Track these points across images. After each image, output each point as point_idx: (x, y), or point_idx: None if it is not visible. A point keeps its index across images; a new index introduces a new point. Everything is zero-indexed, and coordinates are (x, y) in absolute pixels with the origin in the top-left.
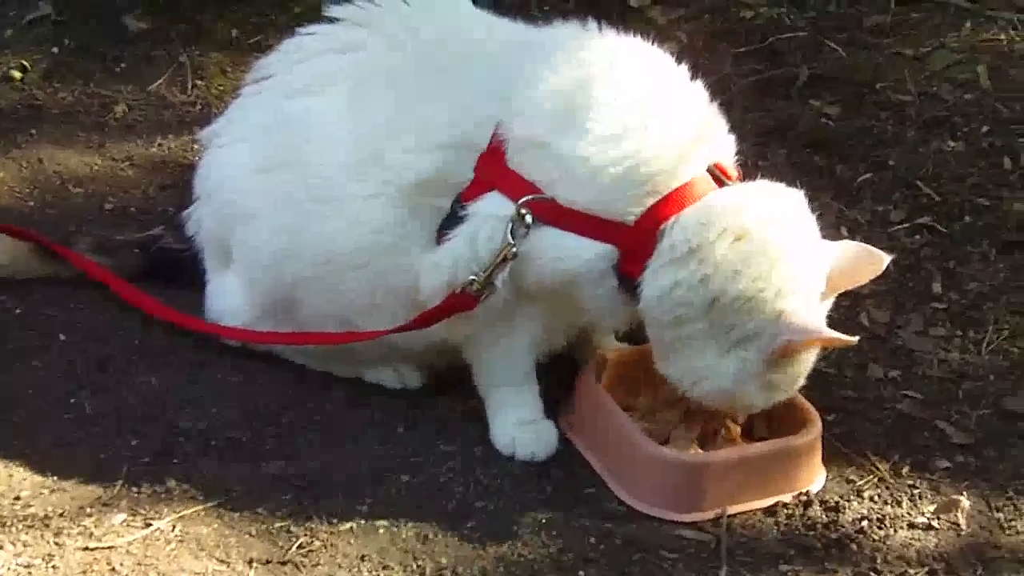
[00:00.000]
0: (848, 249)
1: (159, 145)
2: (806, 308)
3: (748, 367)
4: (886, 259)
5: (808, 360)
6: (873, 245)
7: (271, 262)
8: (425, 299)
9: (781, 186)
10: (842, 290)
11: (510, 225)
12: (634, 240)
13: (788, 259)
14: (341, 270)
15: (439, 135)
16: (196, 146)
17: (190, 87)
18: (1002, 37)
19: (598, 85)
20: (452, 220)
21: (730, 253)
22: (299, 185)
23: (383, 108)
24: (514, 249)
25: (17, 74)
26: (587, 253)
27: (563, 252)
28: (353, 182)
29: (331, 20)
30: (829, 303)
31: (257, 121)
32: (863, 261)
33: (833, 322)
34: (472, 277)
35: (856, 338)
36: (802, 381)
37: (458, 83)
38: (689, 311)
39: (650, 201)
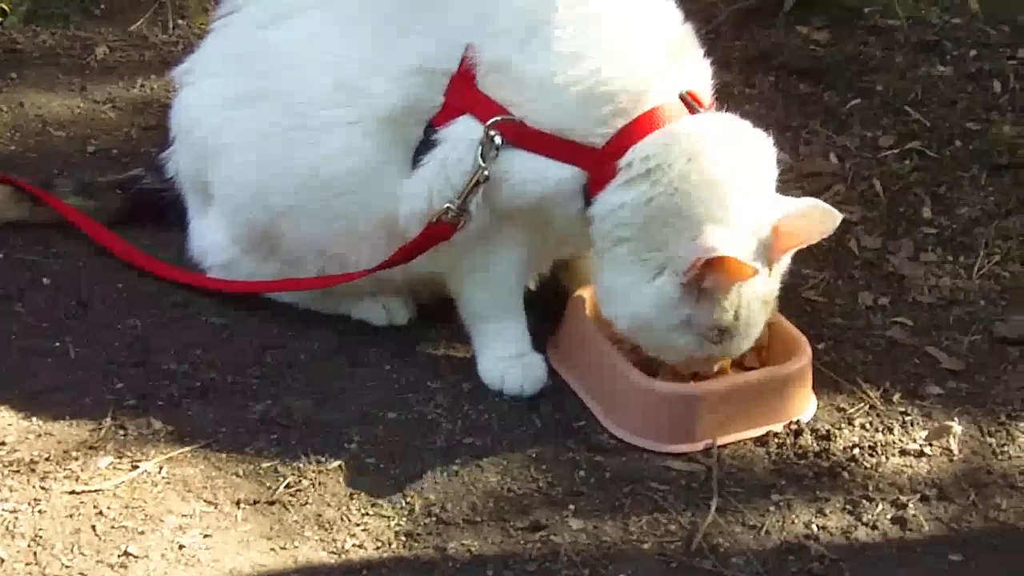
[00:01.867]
0: (803, 205)
1: (141, 86)
2: (732, 241)
3: (666, 291)
4: (838, 217)
5: (731, 306)
6: (862, 171)
7: (250, 194)
8: (403, 228)
9: (748, 124)
10: (794, 248)
11: (480, 148)
12: (601, 164)
13: (726, 190)
14: (322, 199)
15: (412, 61)
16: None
17: (171, 26)
18: None
19: (562, 3)
20: (425, 146)
21: (676, 175)
22: (274, 115)
23: (356, 35)
24: (485, 172)
25: None
26: (555, 175)
27: (532, 174)
28: (330, 110)
29: None
30: (784, 264)
31: (228, 54)
32: (816, 219)
33: (823, 249)
34: (447, 205)
35: (755, 266)
36: (737, 345)
37: (428, 7)
38: (625, 231)
39: (617, 123)
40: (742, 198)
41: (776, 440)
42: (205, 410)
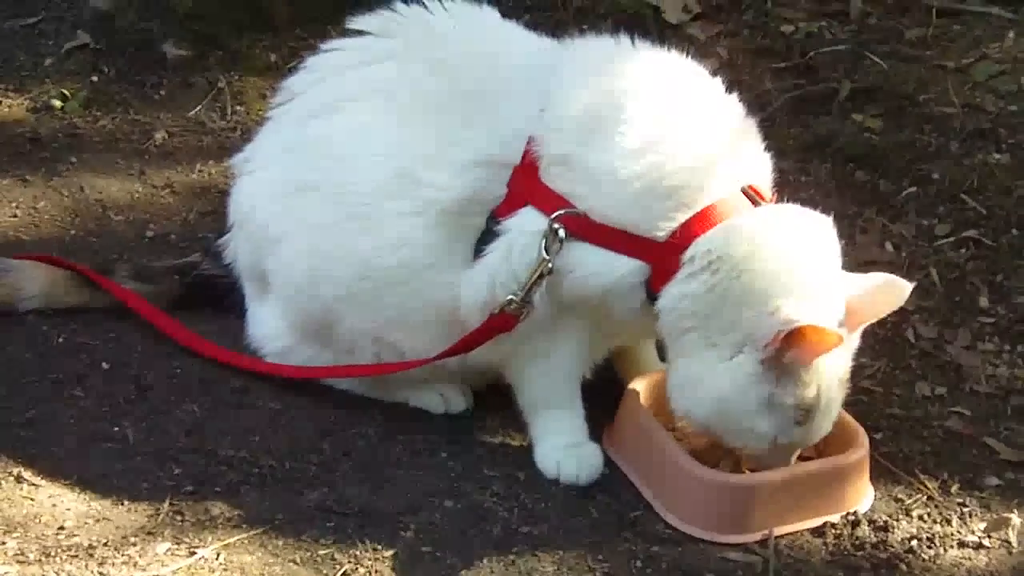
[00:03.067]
0: (871, 280)
1: (199, 171)
2: (810, 311)
3: (745, 369)
4: (908, 288)
5: (814, 383)
6: (919, 260)
7: (306, 282)
8: (464, 317)
9: (811, 211)
10: (866, 323)
11: (544, 240)
12: (664, 258)
13: (794, 266)
14: (378, 288)
15: (474, 153)
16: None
17: (229, 113)
18: None
19: (627, 98)
20: (488, 236)
21: (740, 259)
22: (330, 205)
23: (413, 126)
24: (549, 264)
25: (57, 103)
26: (619, 269)
27: (596, 267)
28: (388, 201)
29: (354, 33)
30: (856, 338)
31: (283, 143)
32: (886, 291)
33: (880, 339)
34: (511, 296)
35: (841, 333)
36: (818, 426)
37: (489, 99)
38: (690, 320)
39: (680, 217)
40: (811, 275)
41: (833, 531)
42: (262, 497)
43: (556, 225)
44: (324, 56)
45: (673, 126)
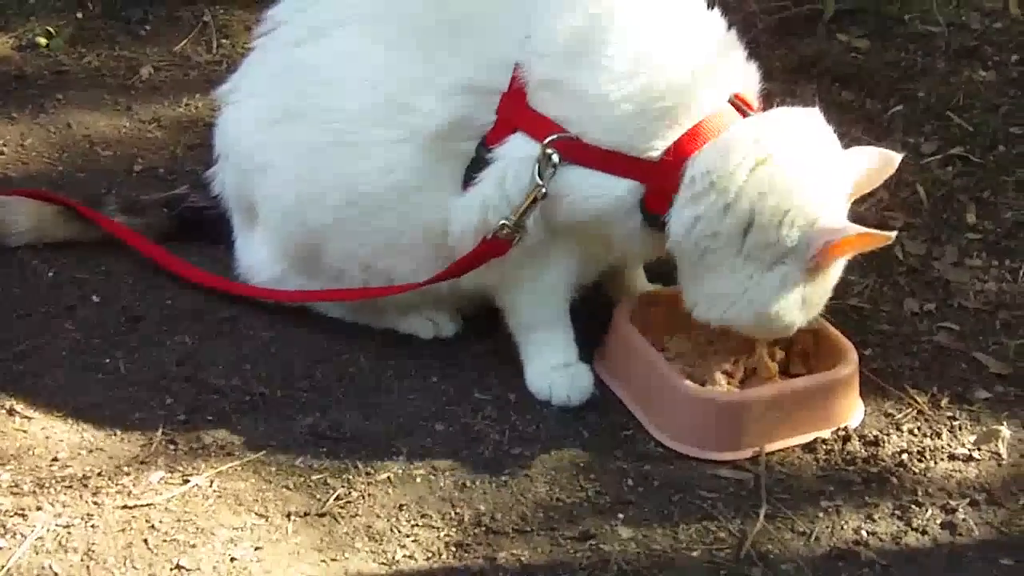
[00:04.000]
0: (863, 154)
1: (186, 105)
2: (839, 214)
3: (790, 280)
4: (897, 158)
5: (838, 269)
6: (906, 177)
7: (293, 210)
8: (455, 243)
9: (796, 108)
10: (862, 193)
11: (537, 165)
12: (659, 176)
13: (813, 173)
14: (367, 214)
15: (460, 79)
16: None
17: (215, 46)
18: None
19: (612, 19)
20: (478, 164)
21: (752, 179)
22: (317, 131)
23: (399, 51)
24: (543, 190)
25: (43, 40)
26: (614, 191)
27: (591, 190)
28: (377, 127)
29: None
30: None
31: (268, 72)
32: (878, 163)
33: (868, 256)
34: (503, 221)
35: (894, 233)
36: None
37: (476, 24)
38: (715, 241)
39: (672, 135)
40: (825, 172)
41: (824, 447)
42: (255, 424)
43: (549, 150)
44: None
45: (659, 44)
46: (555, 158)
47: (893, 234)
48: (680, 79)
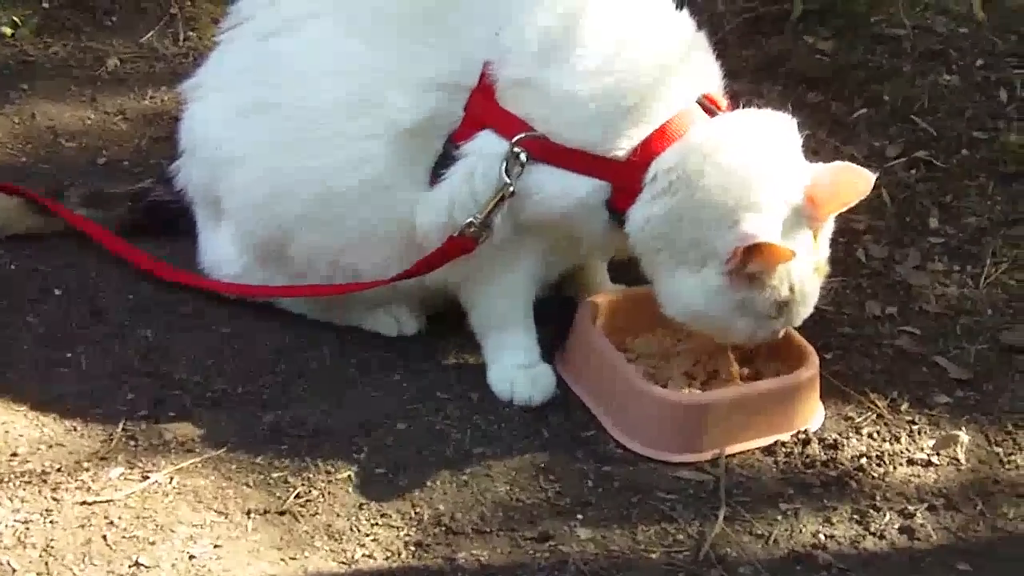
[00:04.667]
0: (834, 170)
1: (151, 98)
2: (767, 225)
3: (711, 282)
4: (871, 177)
5: (784, 283)
6: None
7: (260, 205)
8: (422, 239)
9: (767, 112)
10: (835, 212)
11: (504, 163)
12: (626, 176)
13: (750, 174)
14: (337, 208)
15: (432, 74)
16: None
17: (182, 39)
18: None
19: (581, 19)
20: (446, 160)
21: (702, 180)
22: (284, 126)
23: (369, 46)
24: (511, 188)
25: (8, 30)
26: (581, 189)
27: (557, 189)
28: (348, 120)
29: None
30: (829, 229)
31: (234, 67)
32: (850, 181)
33: (831, 259)
34: (470, 219)
35: (792, 248)
36: (797, 314)
37: (446, 21)
38: (659, 241)
39: (639, 135)
40: (767, 180)
41: (784, 449)
42: (216, 420)
43: (517, 149)
44: None
45: (628, 44)
46: (523, 157)
47: (792, 252)
48: (648, 79)
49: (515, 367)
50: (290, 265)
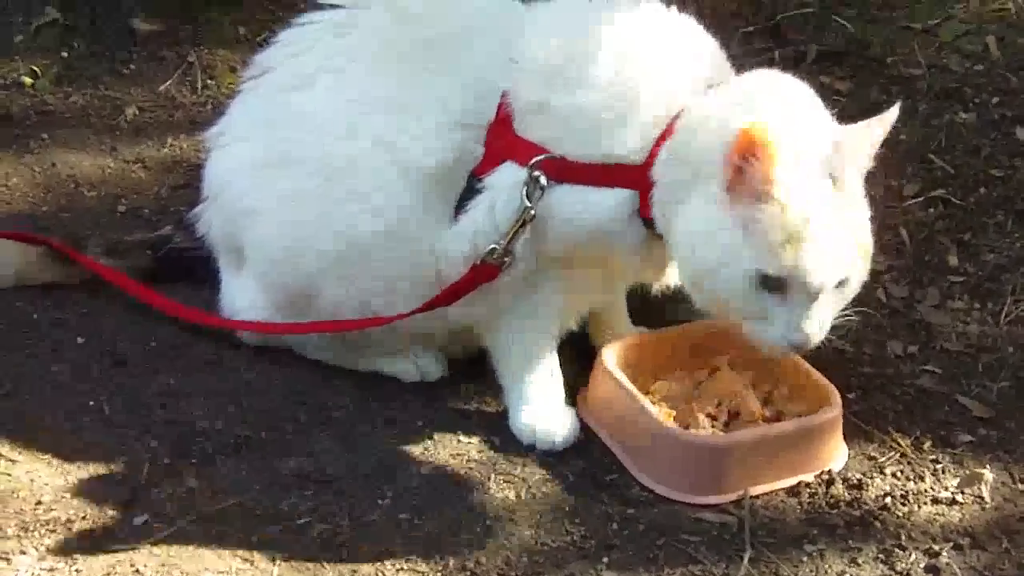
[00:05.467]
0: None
1: (170, 146)
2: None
3: (712, 202)
4: (893, 112)
5: (785, 197)
6: (888, 220)
7: (285, 256)
8: (446, 272)
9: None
10: (863, 167)
11: (524, 188)
12: (647, 179)
13: (755, 108)
14: (361, 256)
15: (452, 115)
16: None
17: (200, 87)
18: (1010, 6)
19: (588, 38)
20: (469, 194)
21: (700, 126)
22: (308, 176)
23: (388, 91)
24: (532, 212)
25: (28, 80)
26: (607, 201)
27: (582, 206)
28: (370, 168)
29: (326, 7)
30: (857, 183)
31: (258, 117)
32: (871, 127)
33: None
34: (493, 245)
35: (764, 124)
36: (818, 259)
37: (460, 59)
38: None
39: (654, 134)
40: (778, 116)
41: (808, 490)
42: (239, 466)
43: (536, 172)
44: (297, 29)
45: (633, 50)
46: (542, 179)
47: (764, 124)
48: (656, 78)
49: (537, 412)
50: (315, 314)
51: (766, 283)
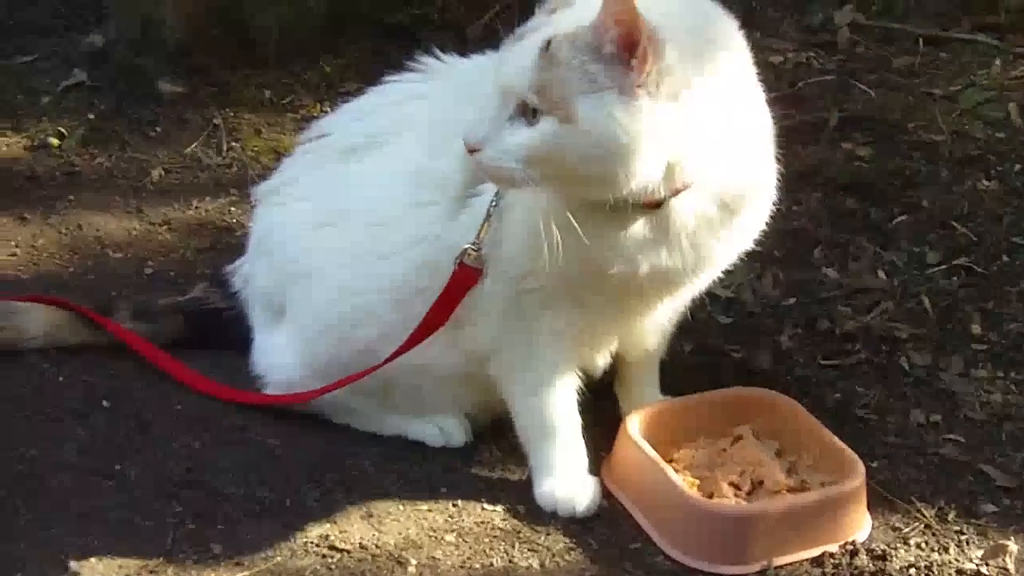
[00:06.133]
0: None
1: (196, 208)
2: None
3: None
4: None
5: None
6: (911, 287)
7: (337, 322)
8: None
9: None
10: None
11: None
12: None
13: None
14: (412, 316)
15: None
16: (233, 208)
17: (225, 149)
18: None
19: None
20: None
21: None
22: (361, 239)
23: (442, 149)
24: (494, 204)
25: (55, 141)
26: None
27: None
28: (413, 224)
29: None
30: None
31: (316, 179)
32: None
33: (874, 366)
34: (467, 245)
35: None
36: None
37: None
38: None
39: None
40: None
41: (832, 560)
42: (262, 532)
43: None
44: (358, 99)
45: None
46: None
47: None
48: None
49: (561, 480)
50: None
51: None
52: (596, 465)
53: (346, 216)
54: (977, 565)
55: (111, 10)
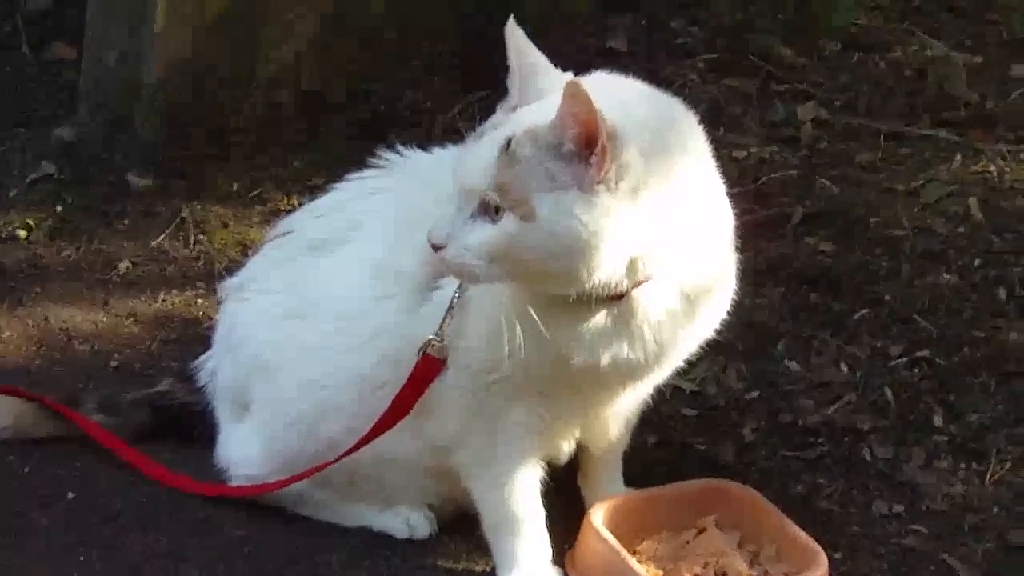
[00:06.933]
0: None
1: (162, 301)
2: None
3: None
4: None
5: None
6: (873, 380)
7: (302, 416)
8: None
9: None
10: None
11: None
12: None
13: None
14: (370, 395)
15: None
16: (200, 300)
17: (192, 242)
18: (992, 169)
19: None
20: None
21: None
22: (327, 332)
23: (402, 250)
24: (457, 296)
25: (22, 233)
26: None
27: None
28: (377, 314)
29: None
30: None
31: (281, 275)
32: None
33: (837, 459)
34: (430, 336)
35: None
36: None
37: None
38: None
39: None
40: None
41: None
42: None
43: None
44: (325, 196)
45: None
46: None
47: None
48: None
49: (525, 571)
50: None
51: None
52: (560, 556)
53: (311, 310)
54: None
55: (83, 104)
